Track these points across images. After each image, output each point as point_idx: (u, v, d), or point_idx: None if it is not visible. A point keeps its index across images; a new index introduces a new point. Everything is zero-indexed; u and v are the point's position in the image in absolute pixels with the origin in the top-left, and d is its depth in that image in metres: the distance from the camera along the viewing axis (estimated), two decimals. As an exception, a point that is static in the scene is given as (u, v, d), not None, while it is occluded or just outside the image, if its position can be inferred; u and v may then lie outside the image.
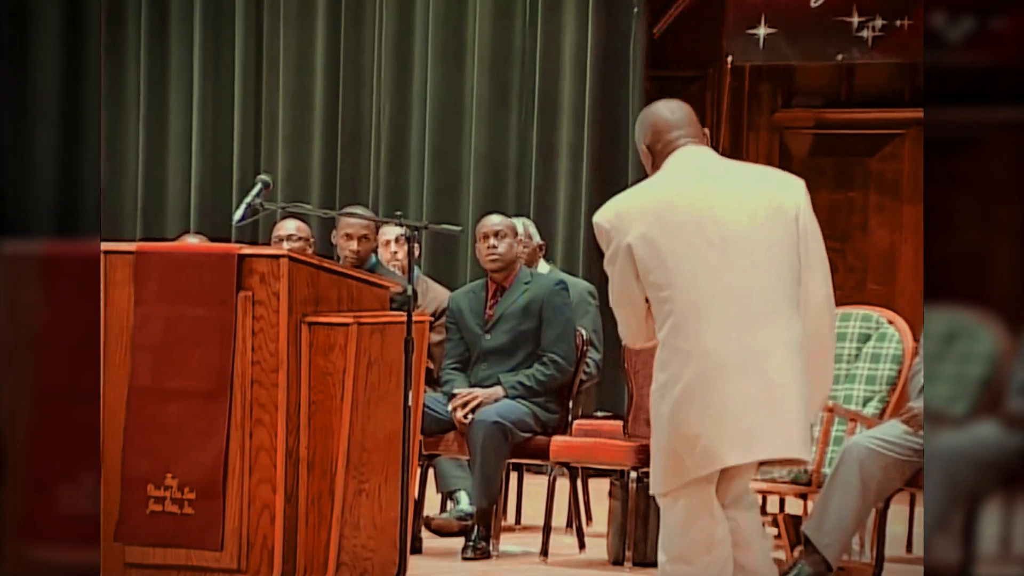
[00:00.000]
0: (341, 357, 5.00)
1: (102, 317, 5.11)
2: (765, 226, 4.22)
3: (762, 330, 4.15)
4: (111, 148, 10.00)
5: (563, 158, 9.15)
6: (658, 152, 4.33)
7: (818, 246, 4.29)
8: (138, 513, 5.06)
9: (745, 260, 4.18)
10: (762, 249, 4.20)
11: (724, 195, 4.24)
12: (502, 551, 6.33)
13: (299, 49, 9.67)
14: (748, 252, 4.18)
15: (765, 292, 4.18)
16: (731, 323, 4.14)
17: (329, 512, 5.04)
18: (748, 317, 4.15)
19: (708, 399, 4.13)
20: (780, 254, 4.21)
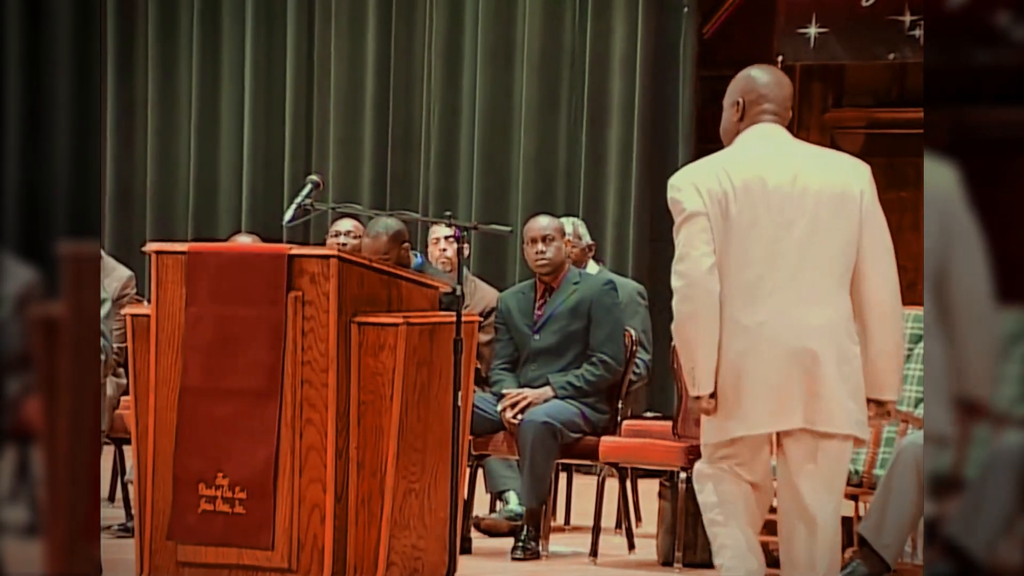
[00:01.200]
0: (391, 357, 5.01)
1: (153, 317, 5.14)
2: (830, 211, 4.37)
3: (807, 315, 4.33)
4: (163, 149, 10.06)
5: (612, 158, 9.14)
6: (746, 115, 4.52)
7: (882, 232, 4.46)
8: (190, 512, 5.08)
9: (806, 243, 4.34)
10: (823, 234, 4.36)
11: (793, 176, 4.39)
12: (551, 551, 6.32)
13: (350, 50, 9.70)
14: (810, 236, 4.35)
15: (811, 279, 4.35)
16: (783, 301, 4.32)
17: (379, 512, 5.05)
18: (800, 297, 4.33)
19: (750, 371, 4.31)
20: (840, 240, 4.37)
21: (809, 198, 4.38)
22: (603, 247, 8.92)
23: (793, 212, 4.36)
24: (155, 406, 5.13)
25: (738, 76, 4.62)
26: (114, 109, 10.11)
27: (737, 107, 4.54)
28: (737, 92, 4.57)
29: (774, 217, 4.36)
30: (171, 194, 10.06)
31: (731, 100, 4.57)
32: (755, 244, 4.34)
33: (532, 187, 9.23)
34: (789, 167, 4.42)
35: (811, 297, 4.34)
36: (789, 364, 4.31)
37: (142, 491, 5.15)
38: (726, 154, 4.50)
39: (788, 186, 4.38)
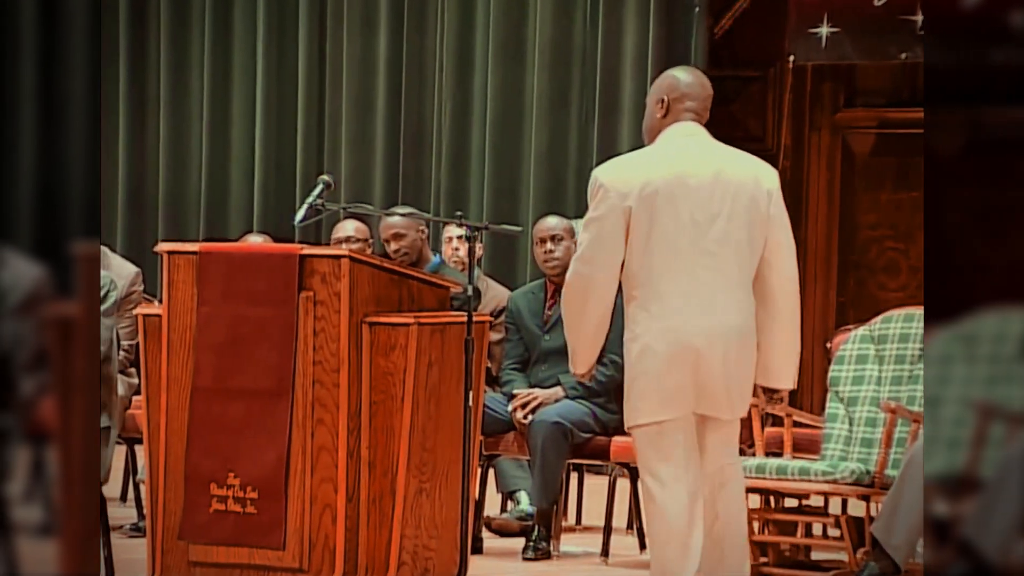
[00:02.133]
0: (402, 357, 5.01)
1: (165, 317, 5.14)
2: (745, 207, 4.69)
3: (719, 305, 4.67)
4: (175, 149, 10.07)
5: (624, 157, 9.13)
6: (667, 112, 4.79)
7: (788, 231, 4.78)
8: (202, 512, 5.08)
9: (723, 238, 4.66)
10: (731, 231, 4.67)
11: (715, 173, 4.70)
12: (562, 551, 6.32)
13: (362, 49, 9.70)
14: (727, 230, 4.66)
15: (725, 272, 4.68)
16: (697, 297, 4.65)
17: (390, 512, 5.05)
18: (708, 292, 4.66)
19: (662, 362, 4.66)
20: (744, 237, 4.69)
21: (728, 194, 4.67)
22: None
23: (714, 207, 4.66)
24: (167, 406, 5.13)
25: (662, 76, 4.90)
26: (126, 109, 10.12)
27: (661, 105, 4.78)
28: (662, 91, 4.82)
29: (697, 211, 4.65)
30: (183, 194, 10.07)
31: (656, 98, 4.82)
32: (676, 237, 4.62)
33: (543, 186, 9.22)
34: (710, 164, 4.71)
35: (726, 289, 4.67)
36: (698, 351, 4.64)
37: (154, 491, 5.15)
38: (651, 150, 4.76)
39: (710, 182, 4.68)
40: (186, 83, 10.06)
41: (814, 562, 5.92)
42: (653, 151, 4.77)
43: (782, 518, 5.93)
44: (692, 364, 4.66)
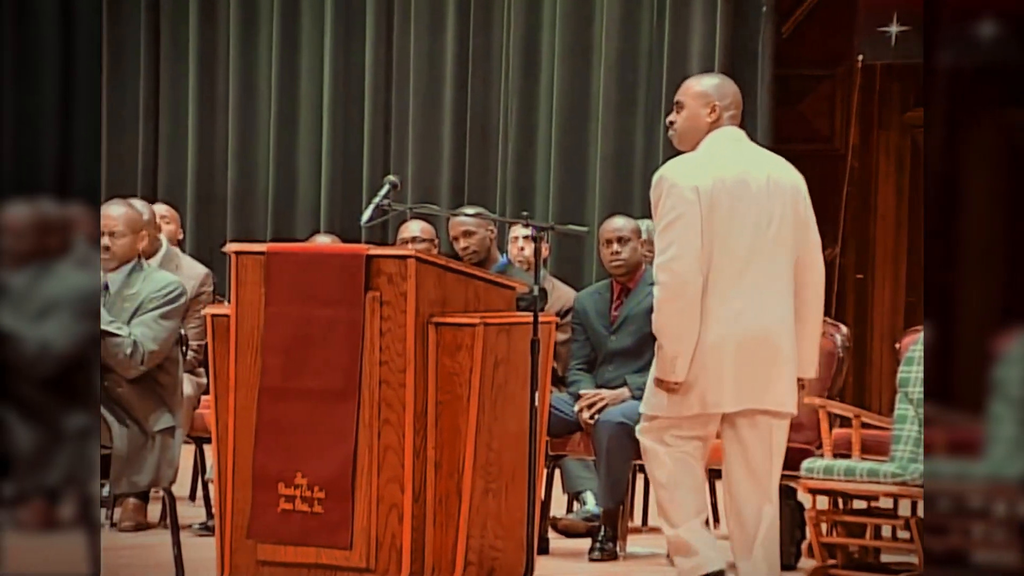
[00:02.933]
0: (468, 357, 5.01)
1: (233, 317, 5.17)
2: (791, 209, 4.97)
3: (774, 305, 4.93)
4: (243, 150, 10.13)
5: (690, 158, 9.10)
6: (718, 118, 5.02)
7: (816, 231, 5.08)
8: (269, 512, 5.11)
9: (777, 237, 4.92)
10: (783, 233, 4.94)
11: (767, 176, 4.96)
12: (629, 552, 6.31)
13: (429, 49, 9.72)
14: (780, 231, 4.93)
15: (779, 272, 4.95)
16: (756, 298, 4.89)
17: (456, 512, 5.05)
18: (766, 292, 4.91)
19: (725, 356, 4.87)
20: (791, 239, 4.97)
21: (778, 196, 4.94)
22: (681, 247, 8.88)
23: (770, 209, 4.92)
24: (235, 406, 5.16)
25: (713, 82, 5.10)
26: (195, 110, 10.19)
27: (713, 110, 5.01)
28: (711, 96, 5.03)
29: (755, 213, 4.90)
30: (251, 195, 10.13)
31: (705, 102, 5.03)
32: (739, 238, 4.86)
33: (609, 187, 9.21)
34: (763, 167, 4.98)
35: (779, 286, 4.95)
36: (759, 349, 4.89)
37: (222, 490, 5.18)
38: (709, 152, 4.98)
39: (765, 185, 4.94)
40: (254, 83, 10.12)
41: (883, 564, 5.88)
42: (711, 153, 4.98)
43: (851, 520, 5.89)
44: (753, 360, 4.90)
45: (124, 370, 5.52)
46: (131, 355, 5.50)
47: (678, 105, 5.11)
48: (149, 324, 5.55)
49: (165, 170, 10.27)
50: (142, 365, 5.52)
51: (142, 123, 10.26)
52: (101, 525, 6.34)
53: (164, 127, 10.28)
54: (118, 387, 5.55)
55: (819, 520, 5.85)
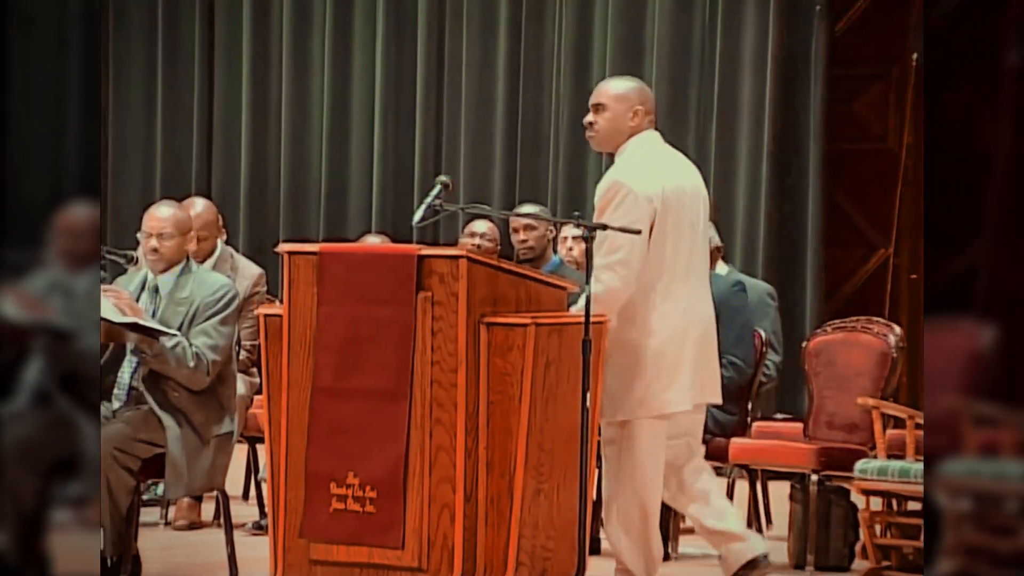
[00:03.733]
0: (519, 358, 5.01)
1: (286, 317, 5.20)
2: (703, 216, 5.28)
3: (709, 301, 5.30)
4: (295, 150, 10.18)
5: (742, 158, 9.07)
6: (640, 122, 5.25)
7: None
8: (322, 511, 5.13)
9: (700, 239, 5.23)
10: (703, 234, 5.28)
11: (692, 181, 5.27)
12: (681, 553, 6.29)
13: (480, 51, 9.73)
14: (702, 237, 5.26)
15: (706, 270, 5.31)
16: (696, 295, 5.22)
17: (508, 512, 5.05)
18: (702, 290, 5.25)
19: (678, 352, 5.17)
20: (707, 240, 5.33)
21: (700, 201, 5.25)
22: (732, 248, 8.86)
23: (696, 211, 5.22)
24: (288, 405, 5.18)
25: (632, 85, 5.29)
26: (249, 111, 10.25)
27: (636, 114, 5.23)
28: (635, 100, 5.24)
29: (690, 216, 5.18)
30: (303, 195, 10.17)
31: (629, 106, 5.24)
32: (682, 241, 5.13)
33: (661, 187, 9.18)
34: (689, 173, 5.28)
35: (705, 284, 5.27)
36: (704, 344, 5.21)
37: (275, 489, 5.20)
38: (650, 158, 5.21)
39: (691, 190, 5.24)
40: (307, 85, 10.16)
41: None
42: (652, 159, 5.22)
43: (904, 521, 5.86)
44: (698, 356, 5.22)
45: (193, 384, 5.56)
46: (196, 368, 5.53)
47: (599, 107, 5.26)
48: (209, 333, 5.58)
49: (219, 170, 10.33)
50: (208, 376, 5.57)
51: (196, 124, 10.33)
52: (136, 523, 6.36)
53: (218, 128, 10.34)
54: (175, 392, 5.58)
55: (873, 521, 5.83)
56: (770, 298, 7.17)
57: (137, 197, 10.02)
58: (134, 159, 10.49)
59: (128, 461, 5.47)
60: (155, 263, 5.68)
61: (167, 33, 10.39)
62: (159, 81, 10.42)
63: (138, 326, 5.46)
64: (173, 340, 5.52)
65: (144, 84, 10.48)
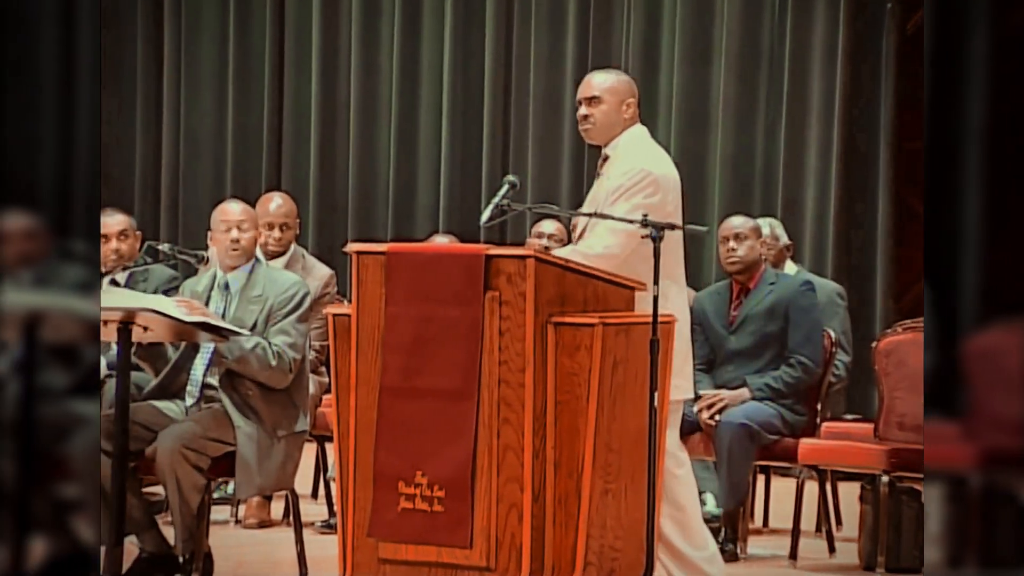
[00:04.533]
0: (587, 357, 5.02)
1: (354, 317, 5.23)
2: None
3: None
4: (364, 151, 10.23)
5: (811, 157, 9.03)
6: (634, 114, 5.41)
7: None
8: (390, 510, 5.15)
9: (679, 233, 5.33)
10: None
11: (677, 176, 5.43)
12: (750, 554, 6.28)
13: (549, 50, 9.74)
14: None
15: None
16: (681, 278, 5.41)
17: (576, 512, 5.06)
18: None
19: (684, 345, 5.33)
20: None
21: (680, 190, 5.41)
22: (801, 247, 8.83)
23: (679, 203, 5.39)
24: (356, 404, 5.22)
25: (622, 78, 5.44)
26: (318, 112, 10.31)
27: (629, 106, 5.38)
28: (627, 93, 5.38)
29: (679, 207, 5.36)
30: (371, 195, 10.22)
31: (622, 100, 5.37)
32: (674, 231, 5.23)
33: (729, 187, 9.17)
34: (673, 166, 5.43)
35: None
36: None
37: (344, 488, 5.24)
38: (657, 149, 5.46)
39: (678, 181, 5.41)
40: (375, 84, 10.21)
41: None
42: (658, 150, 5.45)
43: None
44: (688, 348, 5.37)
45: (276, 382, 5.62)
46: (278, 367, 5.59)
47: (595, 100, 5.34)
48: (288, 331, 5.64)
49: (288, 170, 10.40)
50: (290, 373, 5.62)
51: (266, 125, 10.40)
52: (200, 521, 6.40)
53: (287, 129, 10.41)
54: (249, 391, 5.64)
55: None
56: (839, 298, 7.14)
57: (207, 198, 10.11)
58: (204, 160, 10.58)
59: (198, 459, 5.53)
60: (237, 256, 5.73)
61: (238, 38, 10.48)
62: (230, 82, 10.50)
63: (207, 325, 5.51)
64: (252, 341, 5.57)
65: (216, 86, 10.57)
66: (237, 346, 5.52)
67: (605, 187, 5.36)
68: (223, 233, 5.73)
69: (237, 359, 5.54)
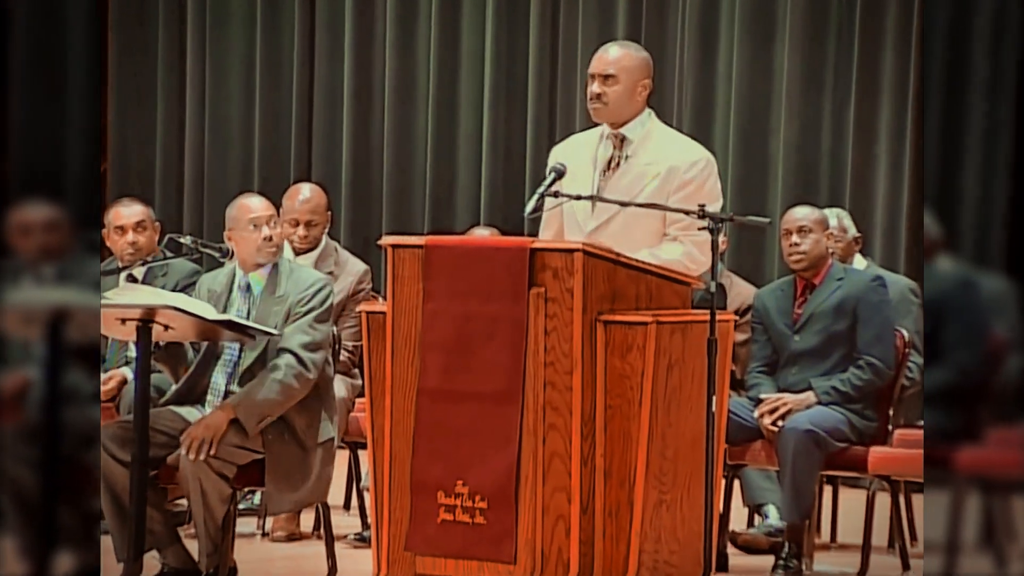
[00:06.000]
0: (639, 358, 5.01)
1: (389, 315, 5.23)
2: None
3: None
4: (400, 139, 10.24)
5: (883, 142, 8.98)
6: (646, 98, 5.57)
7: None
8: (429, 522, 5.16)
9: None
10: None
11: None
12: (816, 570, 6.26)
13: (597, 33, 9.71)
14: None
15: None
16: None
17: (628, 524, 5.06)
18: None
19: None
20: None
21: None
22: (872, 239, 8.78)
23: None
24: (391, 408, 5.23)
25: (640, 55, 5.61)
26: (351, 97, 10.33)
27: (645, 88, 5.57)
28: (645, 74, 5.59)
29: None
30: (408, 185, 10.23)
31: (638, 79, 5.56)
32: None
33: (793, 175, 9.12)
34: None
35: None
36: None
37: (379, 499, 5.25)
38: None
39: None
40: (412, 69, 10.22)
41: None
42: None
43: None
44: None
45: (305, 394, 5.61)
46: (299, 381, 5.56)
47: (611, 78, 5.47)
48: (305, 330, 5.63)
49: (319, 160, 10.42)
50: (313, 376, 5.61)
51: (295, 112, 10.43)
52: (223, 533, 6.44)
53: (319, 115, 10.43)
54: None
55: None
56: (913, 295, 7.10)
57: (233, 189, 10.13)
58: (230, 148, 10.61)
59: (224, 468, 5.53)
60: (273, 255, 5.75)
61: (266, 15, 10.51)
62: (257, 68, 10.54)
63: (234, 324, 5.52)
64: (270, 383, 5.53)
65: (243, 71, 10.60)
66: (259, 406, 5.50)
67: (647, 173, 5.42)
68: (251, 231, 5.74)
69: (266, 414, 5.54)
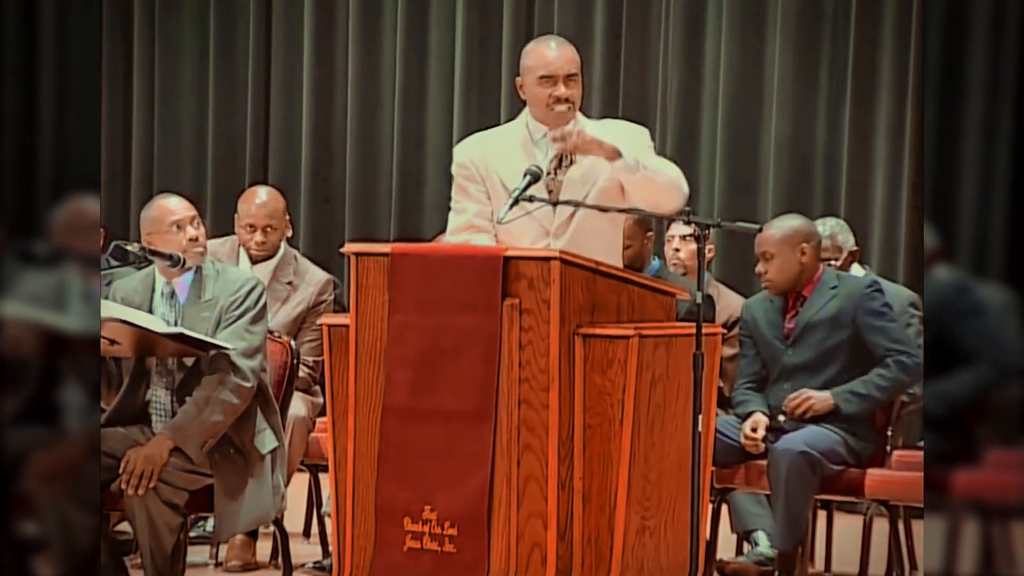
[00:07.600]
0: (621, 374, 5.04)
1: (353, 327, 5.25)
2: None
3: None
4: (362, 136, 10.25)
5: (880, 141, 9.02)
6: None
7: None
8: (394, 550, 5.17)
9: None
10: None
11: None
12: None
13: (575, 22, 9.74)
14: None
15: None
16: None
17: (608, 552, 5.08)
18: None
19: None
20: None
21: None
22: (869, 248, 8.82)
23: None
24: (355, 428, 5.24)
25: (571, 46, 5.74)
26: (311, 93, 10.34)
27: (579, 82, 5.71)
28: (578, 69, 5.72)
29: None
30: (372, 188, 10.24)
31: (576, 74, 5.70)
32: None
33: (784, 177, 9.16)
34: None
35: None
36: None
37: (341, 525, 5.26)
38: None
39: None
40: (376, 62, 10.23)
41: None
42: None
43: None
44: None
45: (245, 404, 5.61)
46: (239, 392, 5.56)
47: (573, 78, 5.64)
48: (242, 335, 5.63)
49: (276, 160, 10.42)
50: (252, 385, 5.61)
51: (251, 108, 10.43)
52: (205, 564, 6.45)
53: (276, 112, 10.43)
54: None
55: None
56: (913, 308, 7.13)
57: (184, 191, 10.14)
58: (185, 150, 10.61)
59: (174, 496, 5.52)
60: (200, 255, 5.75)
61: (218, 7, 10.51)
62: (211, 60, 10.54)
63: (184, 336, 5.53)
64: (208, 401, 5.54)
65: (195, 65, 10.60)
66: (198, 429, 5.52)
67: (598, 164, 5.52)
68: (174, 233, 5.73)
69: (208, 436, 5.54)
